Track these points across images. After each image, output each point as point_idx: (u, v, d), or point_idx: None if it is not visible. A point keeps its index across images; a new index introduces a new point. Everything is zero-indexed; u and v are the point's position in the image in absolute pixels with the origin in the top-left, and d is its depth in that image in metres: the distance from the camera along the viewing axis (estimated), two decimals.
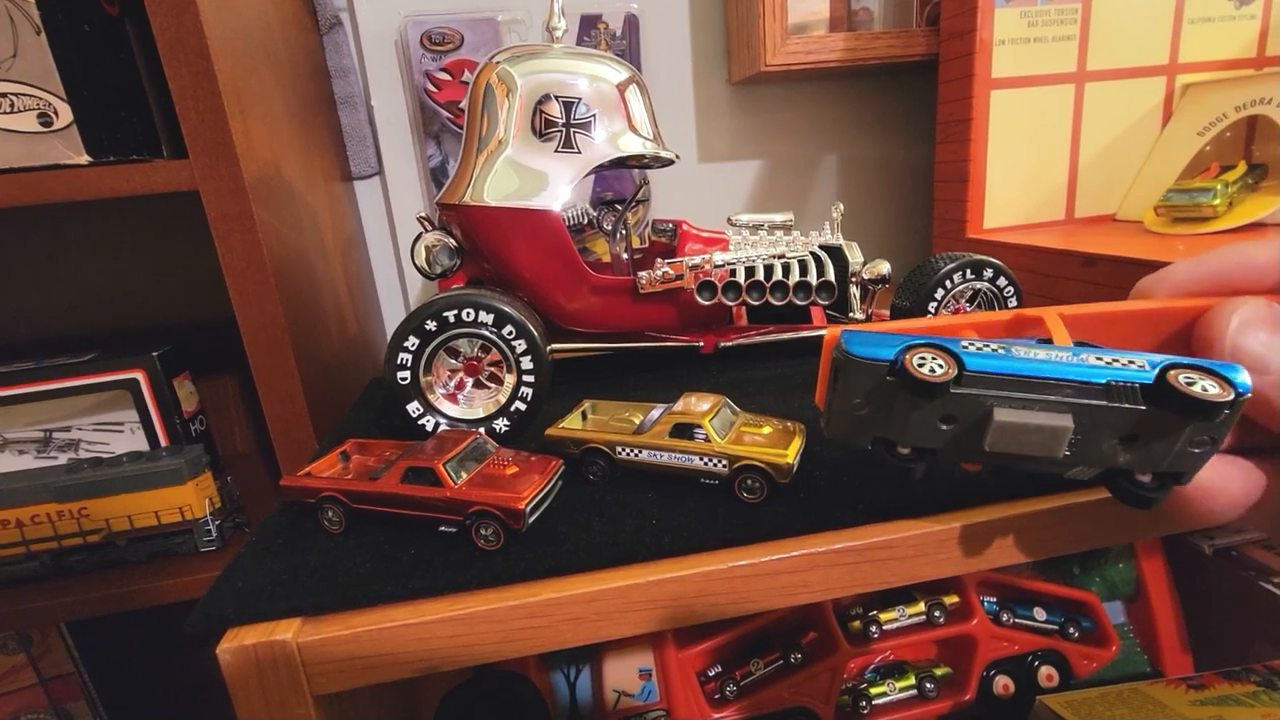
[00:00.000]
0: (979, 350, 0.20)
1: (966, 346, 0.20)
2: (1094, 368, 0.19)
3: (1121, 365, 0.19)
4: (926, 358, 0.20)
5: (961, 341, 0.20)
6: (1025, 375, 0.19)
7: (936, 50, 0.64)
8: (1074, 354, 0.20)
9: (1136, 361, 0.20)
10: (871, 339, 0.21)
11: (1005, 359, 0.20)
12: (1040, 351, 0.20)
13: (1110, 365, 0.19)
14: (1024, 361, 0.20)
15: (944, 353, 0.20)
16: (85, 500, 0.51)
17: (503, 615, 0.27)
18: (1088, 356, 0.20)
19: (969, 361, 0.20)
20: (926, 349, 0.20)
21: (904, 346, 0.20)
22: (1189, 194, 0.55)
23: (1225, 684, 0.47)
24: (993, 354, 0.20)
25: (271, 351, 0.46)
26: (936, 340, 0.20)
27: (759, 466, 0.30)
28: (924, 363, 0.20)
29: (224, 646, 0.26)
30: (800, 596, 0.28)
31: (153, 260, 0.68)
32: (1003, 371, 0.20)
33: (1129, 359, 0.20)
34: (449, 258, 0.45)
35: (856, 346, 0.21)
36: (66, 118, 0.42)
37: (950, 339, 0.21)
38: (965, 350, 0.20)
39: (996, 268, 0.42)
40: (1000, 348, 0.20)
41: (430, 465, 0.29)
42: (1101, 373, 0.19)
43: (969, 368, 0.20)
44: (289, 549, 0.30)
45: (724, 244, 0.47)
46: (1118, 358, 0.20)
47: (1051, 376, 0.19)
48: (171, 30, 0.40)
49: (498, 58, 0.42)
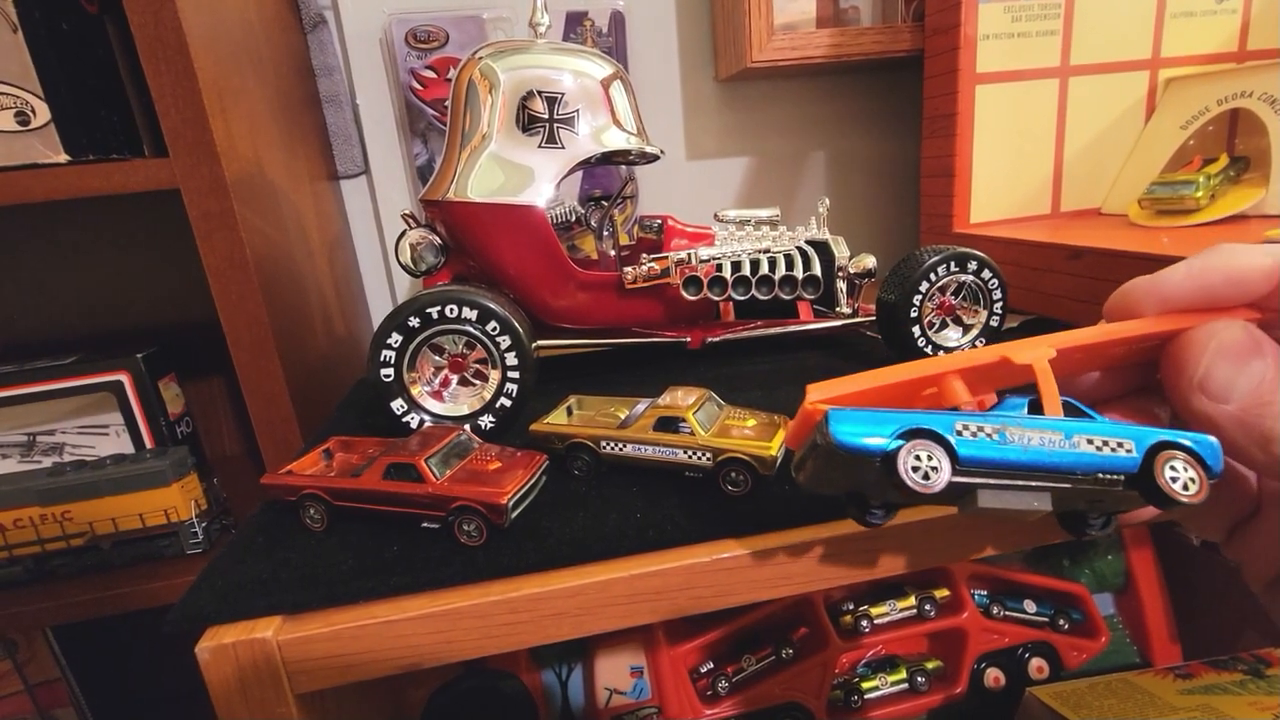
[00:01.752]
0: (973, 436, 0.20)
1: (961, 431, 0.20)
2: (1084, 457, 0.20)
3: (1110, 451, 0.20)
4: (922, 458, 0.19)
5: (955, 423, 0.20)
6: (1017, 465, 0.20)
7: (922, 46, 0.64)
8: (1066, 436, 0.20)
9: (1125, 445, 0.20)
10: (860, 426, 0.20)
11: (1000, 448, 0.20)
12: (1033, 434, 0.20)
13: (1099, 451, 0.20)
14: (1017, 451, 0.20)
15: (937, 444, 0.19)
16: (68, 503, 0.50)
17: (485, 611, 0.27)
18: (1080, 440, 0.20)
19: (963, 453, 0.19)
20: (920, 440, 0.19)
21: (896, 439, 0.19)
22: (1172, 187, 0.55)
23: (1212, 673, 0.47)
24: (986, 441, 0.20)
25: (256, 351, 0.46)
26: (928, 424, 0.20)
27: (743, 459, 0.30)
28: (919, 465, 0.19)
29: (203, 645, 0.25)
30: (784, 588, 0.28)
31: (139, 261, 0.68)
32: (995, 462, 0.20)
33: (1118, 440, 0.20)
34: (434, 255, 0.44)
35: (844, 437, 0.20)
36: (44, 116, 0.42)
37: (943, 419, 0.20)
38: (960, 436, 0.20)
39: (981, 260, 0.43)
40: (994, 431, 0.20)
41: (412, 461, 0.29)
42: (1092, 462, 0.20)
43: (962, 461, 0.19)
44: (270, 547, 0.29)
45: (710, 239, 0.47)
46: (1108, 440, 0.20)
47: (1042, 466, 0.20)
48: (150, 28, 0.40)
49: (480, 53, 0.42)
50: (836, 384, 0.22)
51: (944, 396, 0.22)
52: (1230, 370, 0.20)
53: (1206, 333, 0.21)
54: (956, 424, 0.20)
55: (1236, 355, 0.20)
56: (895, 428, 0.20)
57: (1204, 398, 0.20)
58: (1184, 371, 0.21)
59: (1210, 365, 0.20)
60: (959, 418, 0.20)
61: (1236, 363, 0.20)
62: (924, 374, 0.22)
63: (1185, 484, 0.19)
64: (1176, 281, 0.22)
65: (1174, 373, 0.21)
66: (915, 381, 0.22)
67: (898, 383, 0.22)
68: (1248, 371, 0.20)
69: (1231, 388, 0.20)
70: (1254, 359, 0.20)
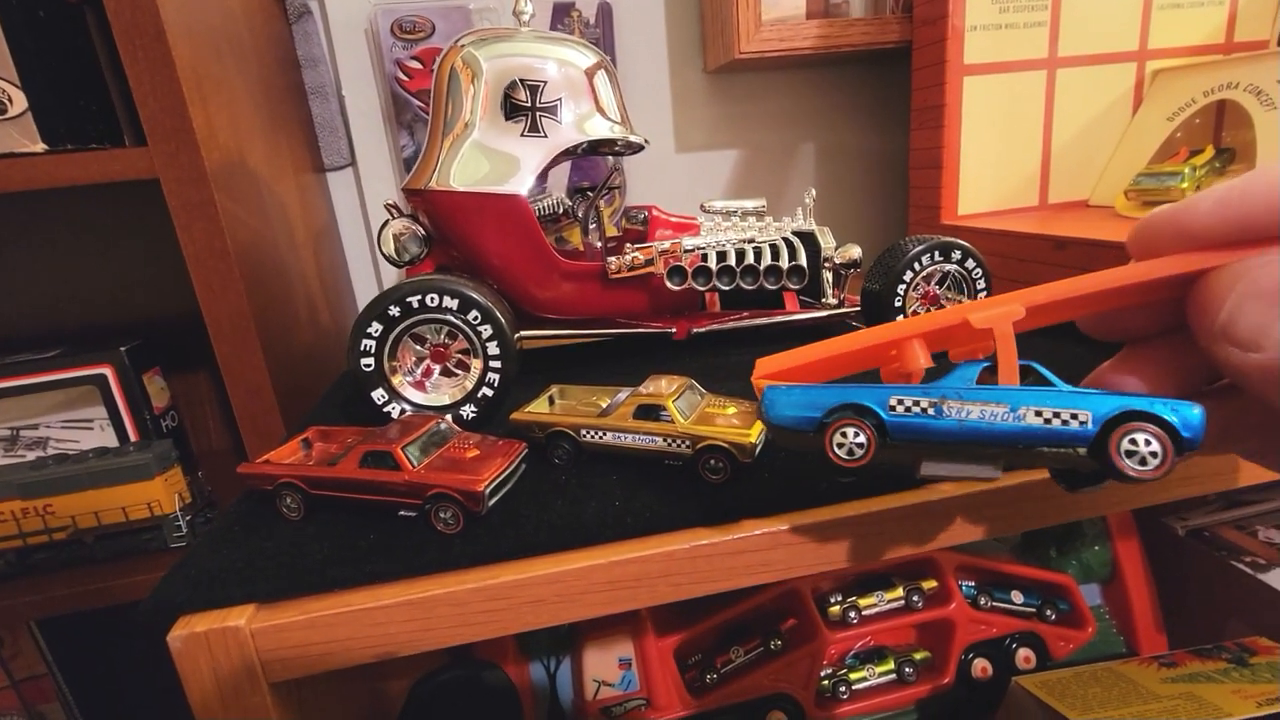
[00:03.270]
0: (906, 411, 0.20)
1: (895, 406, 0.20)
2: (1029, 429, 0.19)
3: (1061, 423, 0.19)
4: (847, 435, 0.20)
5: (890, 398, 0.20)
6: (952, 440, 0.19)
7: (910, 37, 0.64)
8: (1011, 408, 0.19)
9: (1079, 416, 0.19)
10: (791, 402, 0.21)
11: (933, 421, 0.19)
12: (974, 407, 0.19)
13: (1048, 424, 0.19)
14: (952, 425, 0.19)
15: (865, 423, 0.20)
16: (50, 497, 0.50)
17: (462, 598, 0.27)
18: (1026, 412, 0.19)
19: (893, 429, 0.20)
20: (848, 420, 0.20)
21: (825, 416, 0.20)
22: (1158, 178, 0.55)
23: (1197, 661, 0.47)
24: (920, 415, 0.20)
25: (238, 342, 0.46)
26: (859, 400, 0.20)
27: (722, 447, 0.29)
28: (843, 442, 0.20)
29: (174, 634, 0.25)
30: (763, 575, 0.28)
31: (125, 253, 0.67)
32: (929, 434, 0.20)
33: (1071, 412, 0.19)
34: (417, 245, 0.44)
35: (776, 414, 0.21)
36: (21, 105, 0.42)
37: (877, 392, 0.20)
38: (892, 413, 0.20)
39: (965, 250, 0.42)
40: (930, 405, 0.20)
41: (389, 449, 0.29)
42: (1036, 435, 0.19)
43: (893, 436, 0.20)
44: (245, 536, 0.29)
45: (695, 230, 0.47)
46: (1059, 412, 0.19)
47: (981, 439, 0.19)
48: (127, 15, 0.39)
49: (463, 41, 0.42)
50: (785, 357, 0.22)
51: (904, 361, 0.21)
52: (1262, 314, 0.17)
53: (1233, 273, 0.18)
54: (891, 399, 0.20)
55: (1269, 296, 0.17)
56: (826, 404, 0.20)
57: (1229, 346, 0.18)
58: (1206, 316, 0.18)
59: (1235, 309, 0.18)
60: (894, 392, 0.20)
61: (1269, 305, 0.17)
62: (881, 340, 0.22)
63: (1144, 458, 0.18)
64: (1203, 213, 0.19)
65: (1198, 319, 0.19)
66: (871, 349, 0.22)
67: (853, 350, 0.22)
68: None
69: (1262, 334, 0.17)
70: None
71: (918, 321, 0.21)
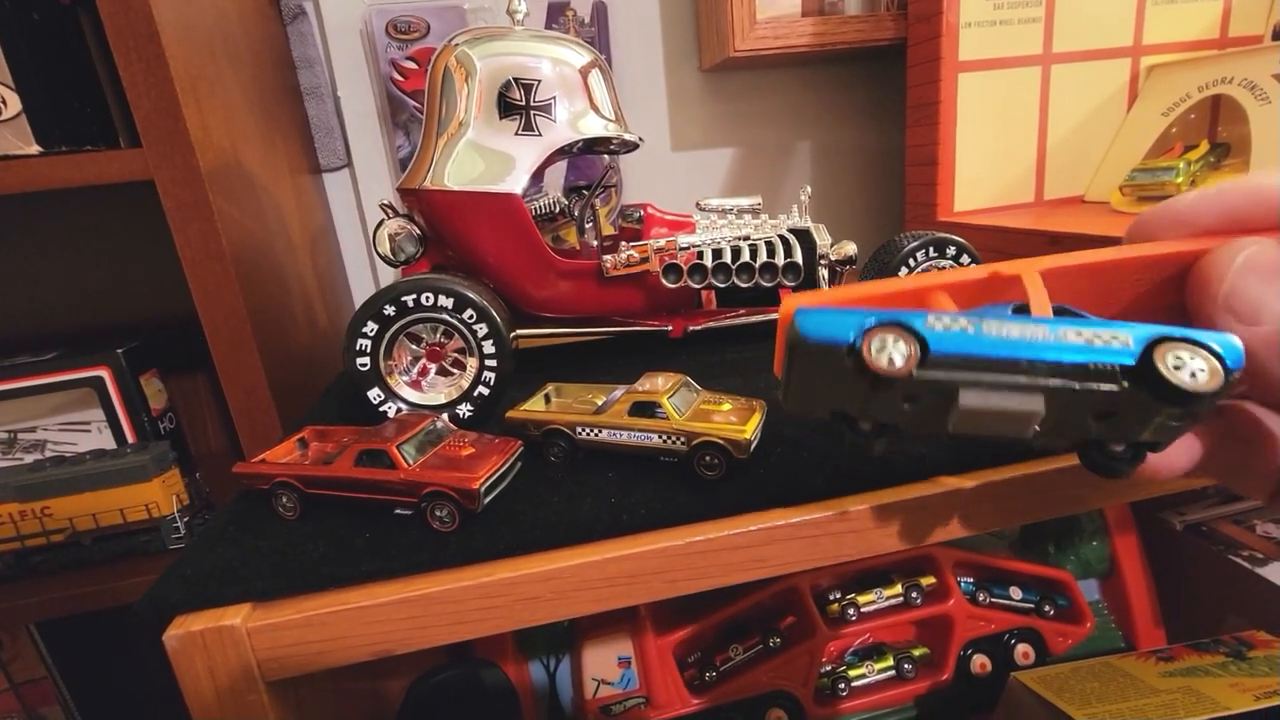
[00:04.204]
0: (945, 328, 0.18)
1: (933, 324, 0.18)
2: (1070, 347, 0.18)
3: (1102, 343, 0.18)
4: (886, 341, 0.18)
5: (927, 317, 0.18)
6: (994, 357, 0.18)
7: (905, 34, 0.64)
8: (1051, 329, 0.18)
9: (1120, 337, 0.18)
10: (827, 317, 0.19)
11: (974, 339, 0.18)
12: (1014, 328, 0.18)
13: (1090, 343, 0.18)
14: (994, 341, 0.18)
15: (906, 333, 0.18)
16: (48, 499, 0.50)
17: (458, 596, 0.27)
18: (1066, 332, 0.18)
19: (934, 343, 0.18)
20: (887, 329, 0.18)
21: (862, 327, 0.18)
22: (1153, 173, 0.55)
23: (1194, 655, 0.47)
24: (961, 332, 0.18)
25: (234, 343, 0.46)
26: (898, 317, 0.18)
27: (717, 443, 0.29)
28: (883, 348, 0.18)
29: (170, 634, 0.25)
30: (758, 571, 0.28)
31: (121, 256, 0.67)
32: (970, 353, 0.18)
33: (1112, 334, 0.18)
34: (413, 245, 0.44)
35: (810, 328, 0.19)
36: (15, 107, 0.42)
37: (914, 313, 0.19)
38: (930, 329, 0.18)
39: (960, 246, 0.43)
40: (970, 324, 0.18)
41: (384, 448, 0.29)
42: (1079, 352, 0.18)
43: (934, 350, 0.18)
44: (241, 536, 0.29)
45: (690, 228, 0.47)
46: (1099, 333, 0.18)
47: (1023, 358, 0.18)
48: (120, 16, 0.39)
49: (457, 40, 0.42)
50: (816, 294, 0.21)
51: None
52: (1260, 287, 0.18)
53: (1233, 249, 0.19)
54: (928, 317, 0.18)
55: (1268, 272, 0.18)
56: (863, 320, 0.18)
57: (1230, 318, 0.18)
58: (1207, 291, 0.19)
59: (1236, 282, 0.18)
60: (931, 314, 0.19)
61: (1268, 280, 0.18)
62: (908, 288, 0.21)
63: (1194, 373, 0.17)
64: (1190, 201, 0.20)
65: (1198, 295, 0.19)
66: (899, 295, 0.21)
67: (880, 294, 0.21)
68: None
69: (1261, 306, 0.18)
70: None
71: (944, 274, 0.21)
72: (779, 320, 0.21)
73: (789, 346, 0.20)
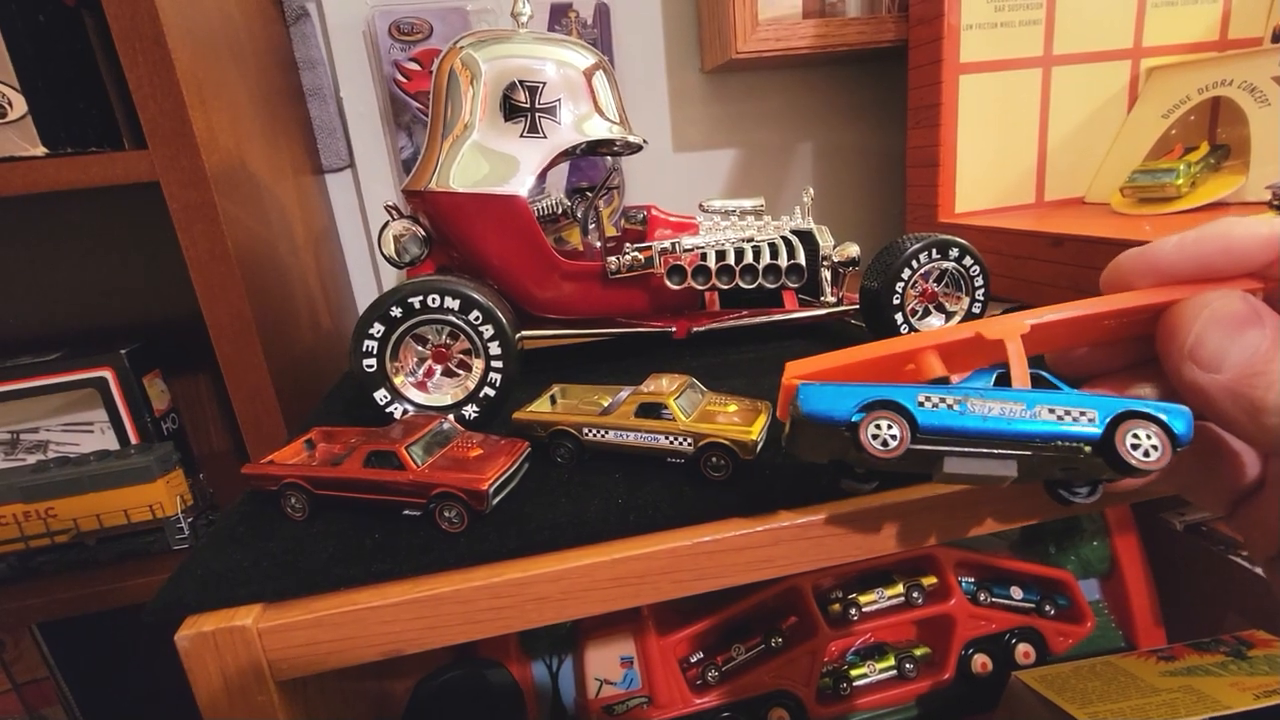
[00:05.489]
0: (934, 407, 0.21)
1: (923, 402, 0.21)
2: (1043, 424, 0.20)
3: (1072, 419, 0.20)
4: (881, 426, 0.21)
5: (918, 395, 0.21)
6: (976, 432, 0.21)
7: (906, 36, 0.64)
8: (1028, 406, 0.21)
9: (1088, 413, 0.20)
10: (826, 397, 0.21)
11: (958, 416, 0.21)
12: (994, 404, 0.21)
13: (1060, 420, 0.20)
14: (977, 420, 0.21)
15: (899, 415, 0.21)
16: (52, 500, 0.50)
17: (467, 596, 0.27)
18: (1040, 410, 0.20)
19: (923, 421, 0.21)
20: (882, 412, 0.21)
21: (859, 410, 0.21)
22: (1153, 175, 0.56)
23: (1195, 654, 0.48)
24: (948, 411, 0.21)
25: (239, 344, 0.46)
26: (892, 396, 0.21)
27: (723, 444, 0.30)
28: (878, 434, 0.21)
29: (182, 634, 0.25)
30: (765, 571, 0.28)
31: (125, 256, 0.67)
32: (955, 428, 0.21)
33: (1080, 410, 0.20)
34: (417, 246, 0.44)
35: (811, 407, 0.21)
36: (21, 109, 0.42)
37: (907, 391, 0.21)
38: (921, 408, 0.21)
39: (962, 248, 0.43)
40: (956, 402, 0.21)
41: (393, 449, 0.29)
42: (1051, 427, 0.20)
43: (923, 428, 0.21)
44: (251, 537, 0.29)
45: (694, 229, 0.47)
46: (1070, 410, 0.20)
47: (1002, 433, 0.20)
48: (126, 19, 0.40)
49: (461, 43, 0.42)
50: (815, 361, 0.23)
51: (921, 372, 0.23)
52: (1222, 339, 0.19)
53: (1199, 302, 0.20)
54: (919, 396, 0.21)
55: (1230, 324, 0.19)
56: (859, 400, 0.21)
57: (1194, 367, 0.20)
58: (1174, 340, 0.20)
59: (1201, 334, 0.20)
60: (922, 390, 0.21)
61: (1230, 331, 0.19)
62: (900, 350, 0.23)
63: (1146, 451, 0.19)
64: (1167, 252, 0.21)
65: (1166, 343, 0.21)
66: (892, 357, 0.23)
67: (874, 359, 0.23)
68: (1241, 341, 0.19)
69: (1223, 357, 0.19)
70: (1250, 328, 0.19)
71: (932, 334, 0.23)
72: (781, 389, 0.24)
73: (792, 419, 0.22)
